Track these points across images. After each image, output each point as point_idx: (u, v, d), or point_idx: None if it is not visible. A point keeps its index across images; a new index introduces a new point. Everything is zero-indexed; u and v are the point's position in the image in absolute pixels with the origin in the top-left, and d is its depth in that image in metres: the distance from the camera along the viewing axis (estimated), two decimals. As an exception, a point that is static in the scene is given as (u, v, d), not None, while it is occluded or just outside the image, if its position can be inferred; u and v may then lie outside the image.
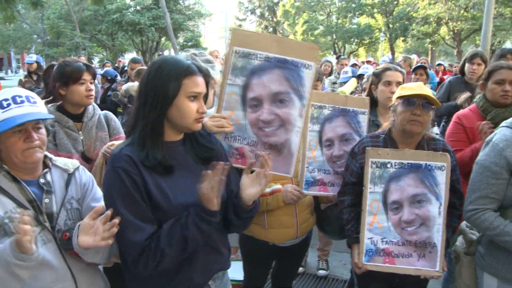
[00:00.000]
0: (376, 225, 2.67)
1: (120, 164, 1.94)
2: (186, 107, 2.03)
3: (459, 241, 2.91)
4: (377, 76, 3.59)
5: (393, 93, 3.12)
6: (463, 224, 2.89)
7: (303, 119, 2.65)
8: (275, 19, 50.41)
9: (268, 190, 2.99)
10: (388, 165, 2.64)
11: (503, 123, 2.61)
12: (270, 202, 3.02)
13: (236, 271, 3.67)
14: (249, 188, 2.14)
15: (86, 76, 3.10)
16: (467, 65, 5.19)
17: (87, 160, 3.10)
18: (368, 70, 6.63)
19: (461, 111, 3.64)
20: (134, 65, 7.61)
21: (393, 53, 41.18)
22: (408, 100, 2.64)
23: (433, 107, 2.70)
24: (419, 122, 2.64)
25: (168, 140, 2.09)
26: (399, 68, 3.62)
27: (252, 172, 2.20)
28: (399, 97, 2.71)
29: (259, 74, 2.56)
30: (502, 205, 2.49)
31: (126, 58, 35.83)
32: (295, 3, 45.56)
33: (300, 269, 4.95)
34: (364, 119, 3.15)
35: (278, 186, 3.04)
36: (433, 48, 40.90)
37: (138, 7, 39.68)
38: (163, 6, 26.82)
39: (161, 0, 26.50)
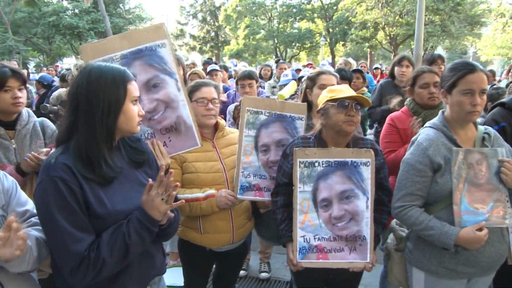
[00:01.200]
0: (307, 223, 2.74)
1: (57, 173, 1.90)
2: (132, 111, 2.07)
3: (390, 238, 3.04)
4: (312, 80, 3.66)
5: None
6: (393, 222, 3.02)
7: (182, 91, 2.70)
8: (217, 24, 50.34)
9: (202, 195, 3.00)
10: (316, 164, 2.71)
11: (427, 123, 2.78)
12: (204, 207, 3.00)
13: (177, 277, 3.66)
14: (151, 210, 2.02)
15: (12, 83, 2.94)
16: (396, 68, 5.42)
17: (22, 173, 2.92)
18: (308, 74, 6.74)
19: (394, 113, 3.78)
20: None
21: (333, 57, 42.20)
22: (342, 102, 2.71)
23: (362, 107, 2.80)
24: (354, 122, 2.73)
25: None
26: (332, 71, 3.73)
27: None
28: (331, 100, 2.76)
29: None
30: (427, 202, 2.64)
31: (65, 63, 34.72)
32: (237, 8, 45.69)
33: (243, 273, 4.99)
34: (301, 125, 3.20)
35: (212, 191, 3.03)
36: (372, 52, 42.17)
37: (76, 10, 38.54)
38: (102, 9, 26.17)
39: (100, 3, 25.85)
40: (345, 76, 5.10)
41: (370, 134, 6.87)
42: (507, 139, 2.96)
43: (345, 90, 2.79)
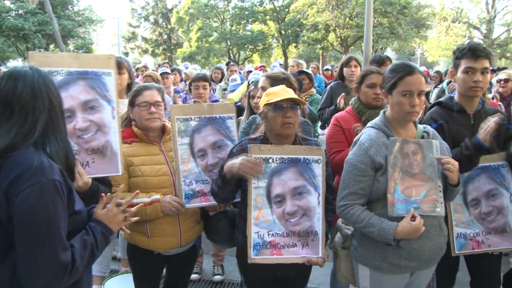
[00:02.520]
0: (261, 219, 2.77)
1: (56, 176, 1.86)
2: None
3: (338, 236, 3.11)
4: (257, 85, 3.71)
5: None
6: (339, 220, 3.09)
7: (116, 119, 2.80)
8: (169, 26, 49.80)
9: (147, 200, 2.98)
10: (270, 161, 2.75)
11: (369, 124, 2.86)
12: (149, 213, 3.00)
13: (128, 283, 3.61)
14: (112, 223, 2.16)
15: None
16: (344, 69, 5.56)
17: None
18: (259, 76, 6.78)
19: (338, 113, 3.84)
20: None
21: (286, 58, 42.60)
22: (277, 105, 2.74)
23: (300, 107, 2.84)
24: (292, 124, 2.76)
25: None
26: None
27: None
28: (268, 104, 2.78)
29: (65, 87, 2.61)
30: (370, 200, 2.72)
31: (8, 66, 33.31)
32: (189, 10, 45.31)
33: (196, 276, 4.98)
34: (232, 123, 3.24)
35: (157, 196, 3.02)
36: (324, 54, 42.80)
37: (20, 11, 37.14)
38: (49, 11, 25.47)
39: (46, 4, 25.11)
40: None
41: (322, 134, 6.98)
42: (445, 136, 3.11)
43: (280, 93, 2.80)
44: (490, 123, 3.00)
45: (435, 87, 9.18)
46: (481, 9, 40.26)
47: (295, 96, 2.79)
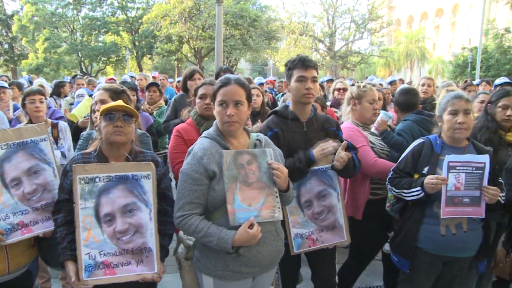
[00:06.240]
0: (91, 240, 2.71)
1: None
2: None
3: (181, 247, 3.13)
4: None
5: None
6: (181, 232, 3.11)
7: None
8: (10, 35, 45.51)
9: None
10: (97, 180, 2.71)
11: (203, 134, 2.93)
12: None
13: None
14: None
15: None
16: (188, 82, 5.66)
17: None
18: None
19: (180, 125, 3.92)
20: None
21: (141, 70, 41.99)
22: (108, 114, 2.77)
23: (134, 118, 2.89)
24: (123, 132, 2.79)
25: None
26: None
27: None
28: (101, 114, 2.82)
29: None
30: (208, 209, 2.77)
31: None
32: (34, 18, 42.11)
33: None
34: (46, 146, 3.10)
35: None
36: (179, 65, 42.94)
37: None
38: None
39: None
40: (128, 87, 5.23)
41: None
42: (281, 143, 3.33)
43: (113, 104, 2.86)
44: (329, 147, 3.26)
45: (283, 94, 9.73)
46: (324, 24, 43.73)
47: (128, 107, 2.83)
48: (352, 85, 5.20)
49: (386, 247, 4.13)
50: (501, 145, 3.92)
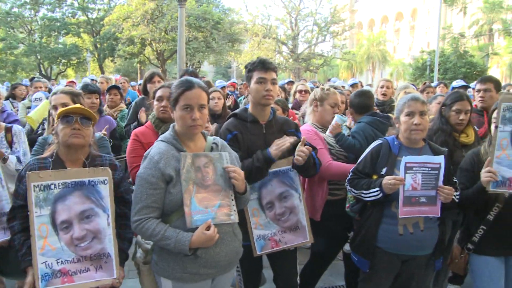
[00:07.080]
0: (48, 248, 2.66)
1: None
2: None
3: (139, 252, 3.11)
4: None
5: None
6: (139, 236, 3.09)
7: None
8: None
9: None
10: (52, 187, 2.66)
11: (159, 138, 2.91)
12: None
13: None
14: None
15: None
16: (148, 85, 5.65)
17: None
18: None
19: (138, 129, 3.91)
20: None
21: (103, 72, 41.19)
22: (65, 117, 2.76)
23: (91, 122, 2.87)
24: (81, 135, 2.79)
25: None
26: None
27: None
28: (58, 117, 2.80)
29: None
30: (165, 213, 2.75)
31: None
32: (-14, 18, 40.78)
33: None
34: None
35: None
36: (142, 68, 42.39)
37: None
38: None
39: None
40: (92, 90, 5.32)
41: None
42: (240, 145, 3.35)
43: (70, 107, 2.87)
44: (286, 143, 3.29)
45: (245, 97, 9.77)
46: (287, 26, 44.01)
47: (87, 110, 2.83)
48: (316, 87, 5.26)
49: (347, 247, 4.19)
50: (455, 146, 4.03)
